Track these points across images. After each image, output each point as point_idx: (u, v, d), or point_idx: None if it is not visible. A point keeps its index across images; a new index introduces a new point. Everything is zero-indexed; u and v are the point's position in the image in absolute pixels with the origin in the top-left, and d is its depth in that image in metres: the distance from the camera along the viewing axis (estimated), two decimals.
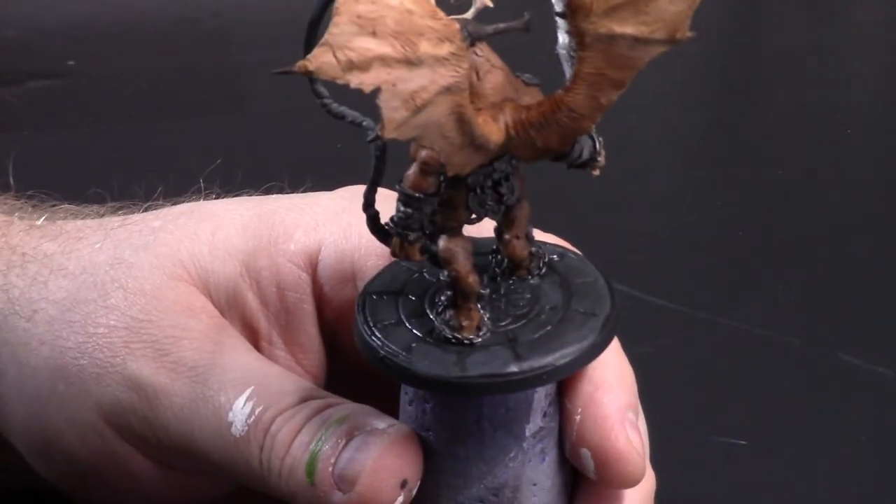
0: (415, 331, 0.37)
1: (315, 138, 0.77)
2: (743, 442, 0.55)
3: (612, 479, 0.38)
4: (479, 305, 0.37)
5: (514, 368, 0.35)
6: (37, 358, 0.43)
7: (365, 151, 0.37)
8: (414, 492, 0.37)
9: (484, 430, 0.38)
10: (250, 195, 0.48)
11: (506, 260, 0.39)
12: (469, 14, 0.33)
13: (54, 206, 0.51)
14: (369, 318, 0.37)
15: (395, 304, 0.38)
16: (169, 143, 0.88)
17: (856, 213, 0.75)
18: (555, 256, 0.40)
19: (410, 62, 0.31)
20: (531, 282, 0.39)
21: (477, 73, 0.34)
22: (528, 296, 0.38)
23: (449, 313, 0.37)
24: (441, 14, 0.31)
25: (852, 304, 0.65)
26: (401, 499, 0.37)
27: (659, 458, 0.42)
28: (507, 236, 0.38)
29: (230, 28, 1.10)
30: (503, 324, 0.37)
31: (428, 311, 0.38)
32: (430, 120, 0.32)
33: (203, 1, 1.15)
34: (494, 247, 0.39)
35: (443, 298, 0.37)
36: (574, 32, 0.32)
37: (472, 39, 0.33)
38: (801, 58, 1.04)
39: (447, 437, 0.38)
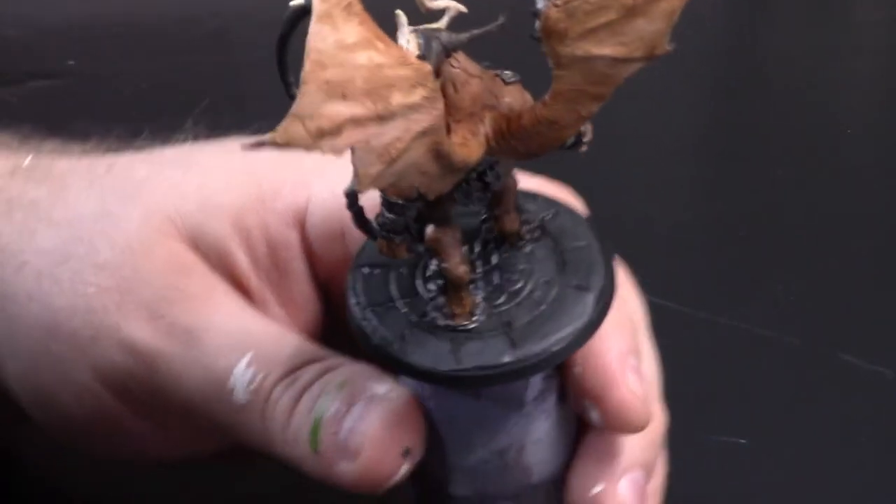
0: (408, 314, 0.36)
1: None
2: (743, 441, 0.55)
3: (616, 427, 0.38)
4: (471, 287, 0.36)
5: (508, 358, 0.35)
6: (27, 314, 0.42)
7: None
8: (418, 458, 0.37)
9: (483, 403, 0.37)
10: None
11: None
12: (443, 23, 0.33)
13: (42, 141, 0.50)
14: (361, 299, 0.37)
15: (386, 280, 0.38)
16: (169, 142, 0.87)
17: (856, 214, 0.75)
18: (548, 215, 0.39)
19: (383, 117, 0.30)
20: (524, 251, 0.38)
21: (454, 86, 0.33)
22: (522, 267, 0.38)
23: (441, 299, 0.36)
24: (411, 58, 0.31)
25: (852, 304, 0.65)
26: (406, 467, 0.37)
27: None
28: (496, 212, 0.38)
29: (230, 28, 1.10)
30: (497, 303, 0.37)
31: (420, 285, 0.37)
32: (407, 164, 0.32)
33: (203, 1, 1.15)
34: (485, 215, 0.38)
35: (433, 266, 0.37)
36: (550, 54, 0.32)
37: (448, 50, 0.33)
38: (801, 58, 1.04)
39: (447, 407, 0.38)
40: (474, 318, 0.36)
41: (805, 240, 0.72)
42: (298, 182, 0.44)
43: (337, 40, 0.28)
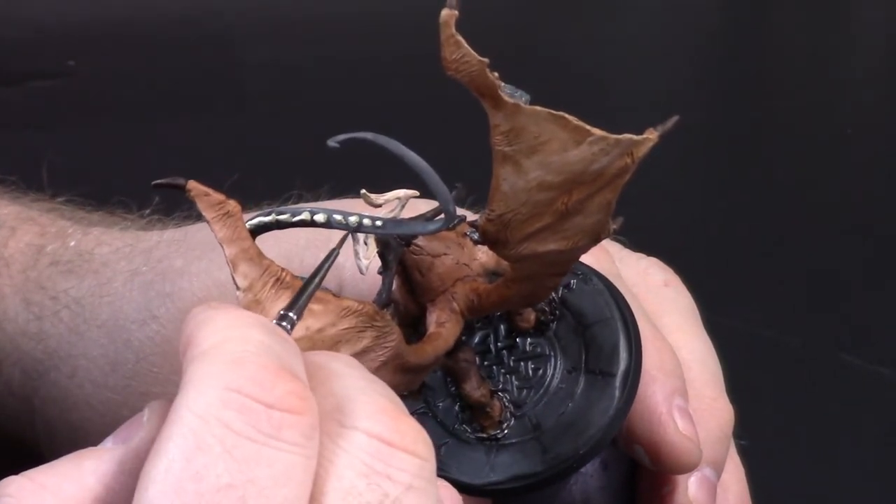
0: (443, 422, 0.36)
1: (314, 137, 0.77)
2: (743, 442, 0.55)
3: (667, 469, 0.38)
4: (498, 394, 0.36)
5: (541, 467, 0.35)
6: (90, 424, 0.43)
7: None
8: None
9: None
10: (270, 205, 0.48)
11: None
12: (398, 210, 0.32)
13: (89, 210, 0.50)
14: None
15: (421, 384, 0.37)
16: (169, 143, 0.88)
17: (856, 213, 0.75)
18: (568, 287, 0.38)
19: None
20: (547, 334, 0.37)
21: (419, 271, 0.33)
22: (547, 352, 0.37)
23: (468, 414, 0.36)
24: (353, 304, 0.29)
25: (852, 304, 0.65)
26: None
27: None
28: (506, 315, 0.37)
29: (230, 28, 1.11)
30: (526, 404, 0.36)
31: (452, 390, 0.37)
32: None
33: (203, 1, 1.15)
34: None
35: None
36: (498, 255, 0.32)
37: (407, 242, 0.32)
38: (801, 58, 1.04)
39: None
40: (504, 427, 0.36)
41: (805, 239, 0.72)
42: (331, 278, 0.44)
43: None
